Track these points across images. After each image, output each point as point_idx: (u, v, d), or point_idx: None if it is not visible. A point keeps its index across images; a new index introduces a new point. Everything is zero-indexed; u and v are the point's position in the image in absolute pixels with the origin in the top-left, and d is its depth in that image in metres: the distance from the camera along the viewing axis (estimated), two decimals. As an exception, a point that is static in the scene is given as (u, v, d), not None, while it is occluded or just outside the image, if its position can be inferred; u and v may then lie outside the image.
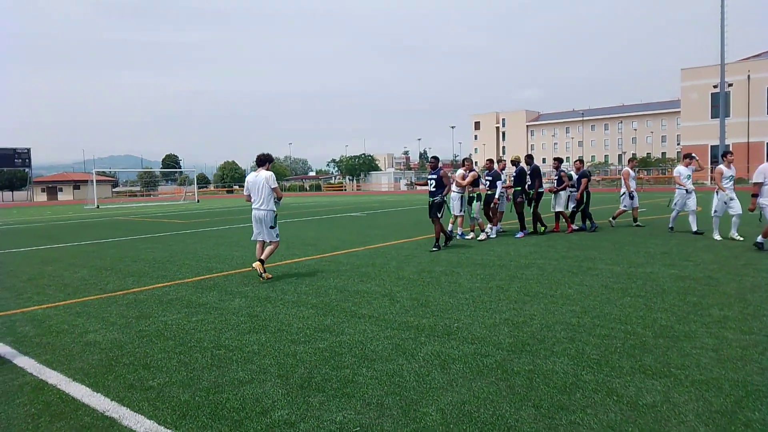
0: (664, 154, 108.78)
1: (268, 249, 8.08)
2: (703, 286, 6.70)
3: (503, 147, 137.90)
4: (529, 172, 12.73)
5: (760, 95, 48.68)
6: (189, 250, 12.04)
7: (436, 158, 11.02)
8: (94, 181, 48.45)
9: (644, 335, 4.83)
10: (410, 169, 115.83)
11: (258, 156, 8.15)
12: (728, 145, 49.23)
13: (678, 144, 76.43)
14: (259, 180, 7.98)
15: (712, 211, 11.12)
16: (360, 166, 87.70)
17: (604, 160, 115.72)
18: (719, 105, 48.04)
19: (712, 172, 48.85)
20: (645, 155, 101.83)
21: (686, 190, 12.14)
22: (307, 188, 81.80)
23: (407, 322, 5.47)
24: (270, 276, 8.01)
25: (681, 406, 3.41)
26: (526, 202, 12.77)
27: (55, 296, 7.40)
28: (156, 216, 26.77)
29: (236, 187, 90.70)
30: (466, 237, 12.13)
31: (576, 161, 14.40)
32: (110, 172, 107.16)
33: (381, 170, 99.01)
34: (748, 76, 48.85)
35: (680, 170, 12.38)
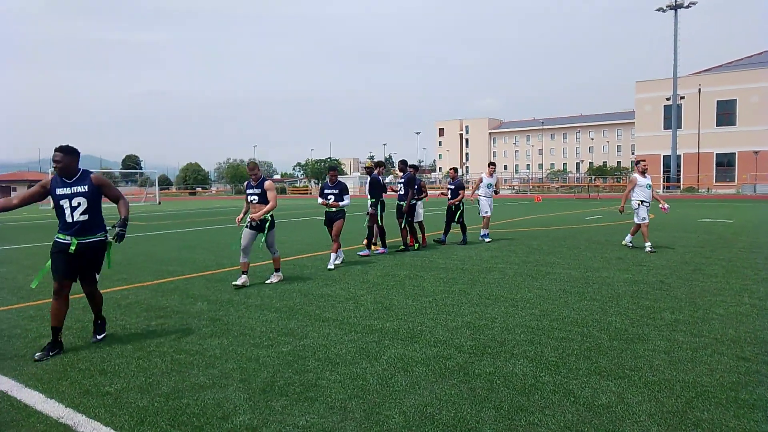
0: (619, 163, 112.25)
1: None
2: (655, 291, 6.95)
3: (466, 154, 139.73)
4: (403, 181, 11.05)
5: (710, 108, 50.86)
6: (149, 252, 11.76)
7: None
8: (48, 181, 46.62)
9: (600, 338, 4.99)
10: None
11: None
12: (679, 156, 51.21)
13: (633, 153, 79.00)
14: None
15: None
16: (325, 170, 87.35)
17: (563, 168, 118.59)
18: (672, 117, 50.03)
19: (666, 181, 50.72)
20: (601, 164, 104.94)
21: None
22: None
23: (371, 326, 5.49)
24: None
25: (634, 407, 3.53)
26: (398, 214, 11.04)
27: (7, 299, 7.11)
28: (115, 217, 26.01)
29: (199, 189, 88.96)
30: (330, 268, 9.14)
31: (450, 170, 13.12)
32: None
33: (346, 174, 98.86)
34: (699, 90, 50.99)
35: None
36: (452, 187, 12.34)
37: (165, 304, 6.67)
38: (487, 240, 12.37)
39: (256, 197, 7.82)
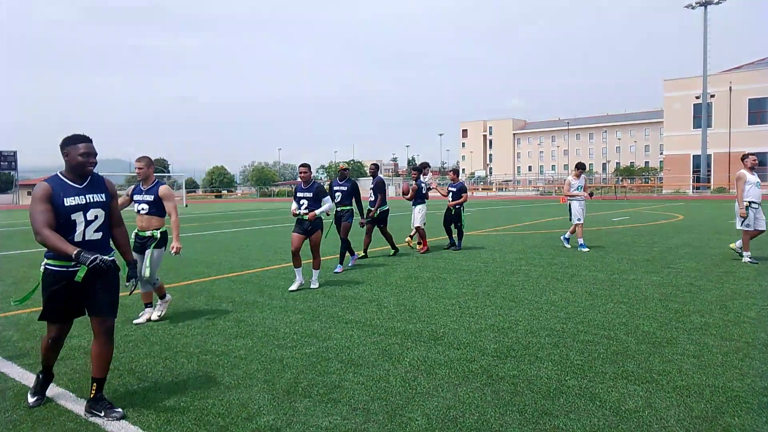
0: (647, 163, 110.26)
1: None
2: (684, 294, 6.80)
3: (490, 155, 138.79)
4: (372, 186, 10.42)
5: (741, 106, 49.59)
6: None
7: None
8: (79, 185, 47.68)
9: (627, 341, 4.90)
10: (398, 175, 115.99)
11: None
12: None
13: (661, 153, 77.49)
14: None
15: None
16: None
17: (589, 169, 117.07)
18: (701, 115, 48.95)
19: (696, 181, 49.64)
20: (629, 164, 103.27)
21: None
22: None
23: (394, 328, 5.49)
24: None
25: (662, 412, 3.46)
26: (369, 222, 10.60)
27: (39, 300, 7.28)
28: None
29: (224, 192, 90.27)
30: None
31: (451, 171, 12.29)
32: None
33: (369, 176, 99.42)
34: (730, 88, 49.77)
35: None
36: (453, 189, 11.62)
37: (191, 305, 6.78)
38: (585, 249, 10.87)
39: (145, 206, 5.80)
